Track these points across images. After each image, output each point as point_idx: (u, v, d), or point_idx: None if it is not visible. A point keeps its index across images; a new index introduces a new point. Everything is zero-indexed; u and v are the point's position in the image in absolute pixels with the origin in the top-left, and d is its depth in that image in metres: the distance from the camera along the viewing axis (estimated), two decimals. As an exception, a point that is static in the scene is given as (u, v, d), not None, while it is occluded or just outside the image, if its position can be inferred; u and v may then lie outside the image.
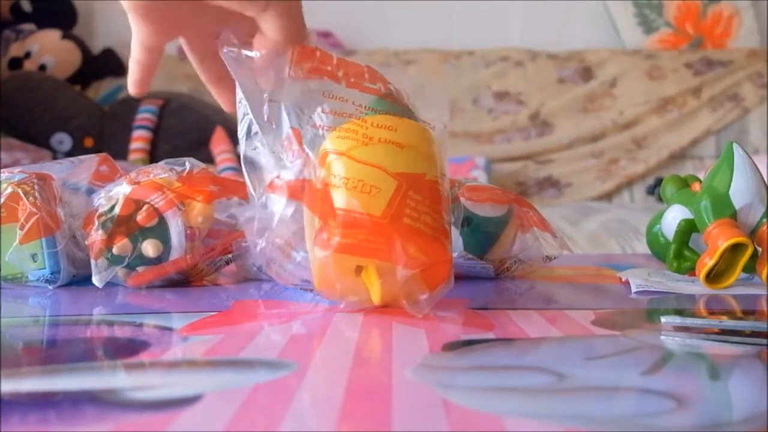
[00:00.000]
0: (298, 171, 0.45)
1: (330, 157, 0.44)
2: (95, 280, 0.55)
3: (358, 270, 0.43)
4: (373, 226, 0.42)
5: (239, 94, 0.48)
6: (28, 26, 2.39)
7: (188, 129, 2.14)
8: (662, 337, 0.37)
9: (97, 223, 0.56)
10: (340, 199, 0.43)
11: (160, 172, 0.59)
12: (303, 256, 0.45)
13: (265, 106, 0.46)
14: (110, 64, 2.38)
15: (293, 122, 0.46)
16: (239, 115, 0.48)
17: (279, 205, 0.45)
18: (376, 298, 0.43)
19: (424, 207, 0.43)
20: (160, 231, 0.56)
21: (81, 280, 0.61)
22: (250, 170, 0.46)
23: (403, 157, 0.44)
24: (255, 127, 0.47)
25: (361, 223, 0.42)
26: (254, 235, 0.45)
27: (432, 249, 0.43)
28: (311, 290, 0.47)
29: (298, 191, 0.45)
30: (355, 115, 0.46)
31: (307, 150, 0.45)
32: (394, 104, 0.48)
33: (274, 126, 0.46)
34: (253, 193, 0.46)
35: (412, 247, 0.42)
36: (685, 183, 0.64)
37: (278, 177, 0.45)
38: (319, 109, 0.46)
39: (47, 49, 2.31)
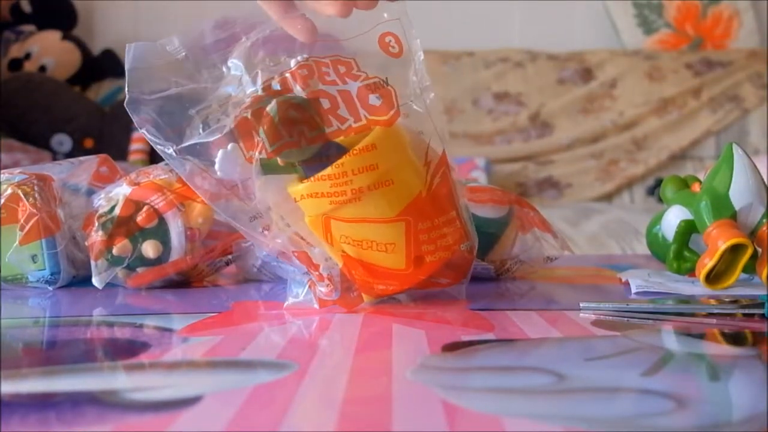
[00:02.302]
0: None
1: (332, 222, 0.44)
2: (95, 281, 0.55)
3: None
4: (403, 277, 0.46)
5: None
6: (28, 27, 2.38)
7: (188, 130, 2.14)
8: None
9: (97, 224, 0.56)
10: (357, 253, 0.45)
11: (160, 173, 0.59)
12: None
13: None
14: (110, 65, 2.38)
15: None
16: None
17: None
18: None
19: (435, 230, 0.45)
20: (160, 232, 0.56)
21: (81, 281, 0.61)
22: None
23: (396, 192, 0.44)
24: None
25: (390, 275, 0.45)
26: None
27: (455, 268, 0.48)
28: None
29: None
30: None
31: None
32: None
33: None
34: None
35: (441, 277, 0.47)
36: (685, 184, 0.64)
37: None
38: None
39: (47, 50, 2.31)
